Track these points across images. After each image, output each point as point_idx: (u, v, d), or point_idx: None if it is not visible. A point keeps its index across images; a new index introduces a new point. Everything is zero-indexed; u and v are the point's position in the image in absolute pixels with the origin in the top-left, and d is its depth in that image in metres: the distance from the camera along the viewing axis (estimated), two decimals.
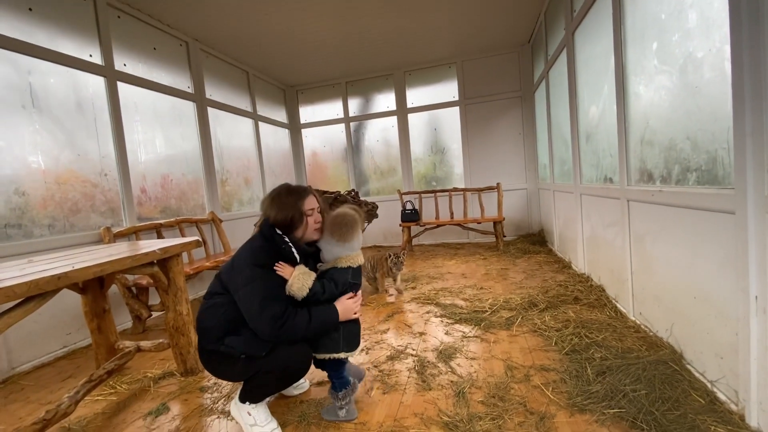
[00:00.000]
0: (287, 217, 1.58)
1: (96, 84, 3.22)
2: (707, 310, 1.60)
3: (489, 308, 2.83)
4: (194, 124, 4.34)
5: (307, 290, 1.54)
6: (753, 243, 1.27)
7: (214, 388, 2.05)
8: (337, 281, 1.62)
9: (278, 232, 1.59)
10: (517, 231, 5.87)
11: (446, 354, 2.18)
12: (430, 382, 1.91)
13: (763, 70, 1.20)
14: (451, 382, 1.89)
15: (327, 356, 1.63)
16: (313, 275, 1.60)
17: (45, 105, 2.82)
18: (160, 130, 3.86)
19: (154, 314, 3.17)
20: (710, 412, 1.45)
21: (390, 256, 3.45)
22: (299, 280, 1.54)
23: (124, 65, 3.47)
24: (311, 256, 1.71)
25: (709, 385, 1.59)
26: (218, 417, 1.78)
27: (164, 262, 2.14)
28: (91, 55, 3.17)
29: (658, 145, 1.97)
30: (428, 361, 2.12)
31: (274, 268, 1.54)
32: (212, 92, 4.65)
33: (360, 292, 1.72)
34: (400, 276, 3.58)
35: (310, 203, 1.62)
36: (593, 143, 3.05)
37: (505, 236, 5.42)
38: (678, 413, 1.45)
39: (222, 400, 1.92)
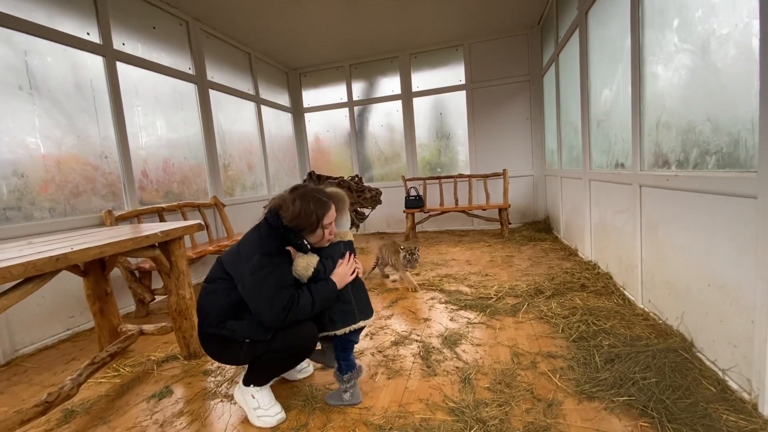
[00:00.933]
0: (302, 224, 1.53)
1: (95, 64, 3.15)
2: (722, 298, 1.56)
3: (494, 295, 2.79)
4: (196, 107, 4.26)
5: (312, 270, 1.56)
6: None
7: (218, 372, 2.04)
8: (333, 256, 1.65)
9: (285, 227, 1.54)
10: (523, 218, 5.81)
11: (451, 340, 2.15)
12: (435, 367, 1.89)
13: None
14: (457, 368, 1.87)
15: (347, 329, 1.62)
16: (317, 257, 1.60)
17: (43, 86, 2.76)
18: (161, 113, 3.80)
19: (158, 298, 3.16)
20: (722, 400, 1.42)
21: (404, 252, 3.17)
22: (304, 260, 1.56)
23: (123, 44, 3.38)
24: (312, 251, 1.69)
25: (720, 373, 1.56)
26: (221, 401, 1.77)
27: (166, 245, 2.11)
28: (88, 34, 3.09)
29: (675, 128, 1.90)
30: (433, 347, 2.10)
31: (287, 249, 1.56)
32: (213, 74, 4.56)
33: (352, 254, 1.71)
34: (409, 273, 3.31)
35: (330, 216, 1.59)
36: (605, 128, 2.97)
37: (510, 223, 5.36)
38: (689, 401, 1.42)
39: (225, 384, 1.91)
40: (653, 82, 2.11)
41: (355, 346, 1.94)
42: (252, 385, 1.61)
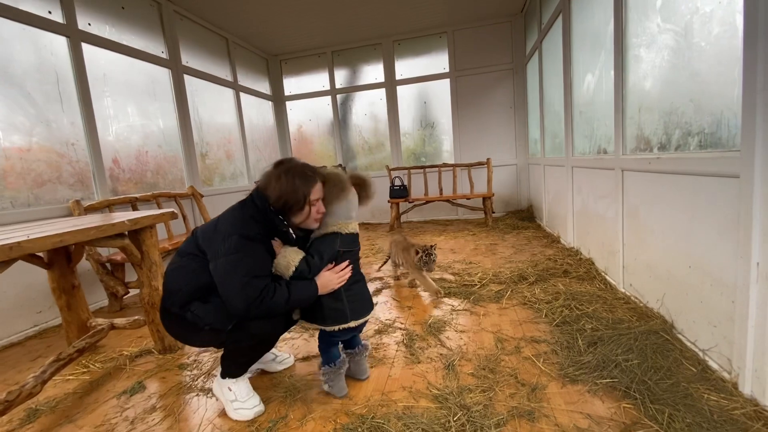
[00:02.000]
0: (289, 202, 1.43)
1: (59, 45, 2.96)
2: (702, 279, 1.56)
3: (478, 282, 2.78)
4: (170, 93, 4.09)
5: (293, 270, 1.43)
6: (758, 207, 1.21)
7: (194, 366, 1.96)
8: (322, 253, 1.50)
9: (272, 209, 1.44)
10: (506, 207, 5.84)
11: (435, 327, 2.13)
12: (418, 355, 1.85)
13: None
14: (441, 355, 1.84)
15: (336, 328, 1.52)
16: (302, 253, 1.48)
17: (1, 68, 2.58)
18: (132, 99, 3.62)
19: (132, 291, 3.04)
20: (702, 380, 1.43)
21: (417, 251, 2.59)
22: (286, 258, 1.44)
23: (89, 25, 3.19)
24: (301, 240, 1.59)
25: (701, 353, 1.57)
26: (197, 394, 1.70)
27: (136, 234, 2.01)
28: (50, 12, 2.90)
29: (657, 110, 1.89)
30: (417, 335, 2.07)
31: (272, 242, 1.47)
32: (189, 59, 4.37)
33: (347, 261, 1.55)
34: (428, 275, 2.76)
35: (317, 192, 1.47)
36: (587, 113, 2.96)
37: (494, 212, 5.38)
38: (670, 382, 1.42)
39: (202, 377, 1.84)
40: (636, 65, 2.10)
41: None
42: (228, 377, 1.54)
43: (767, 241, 1.19)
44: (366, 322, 1.62)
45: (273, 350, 1.86)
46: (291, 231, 1.50)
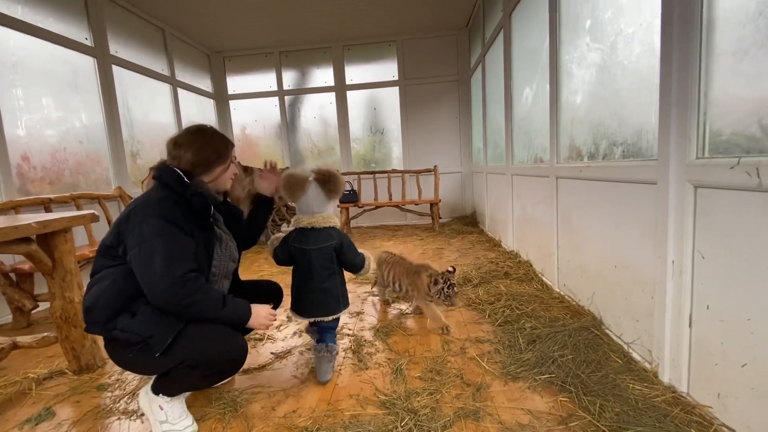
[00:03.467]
0: (211, 157, 1.37)
1: None
2: (626, 277, 1.70)
3: None
4: (95, 85, 3.71)
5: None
6: (672, 210, 1.34)
7: (116, 386, 1.76)
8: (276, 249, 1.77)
9: (185, 179, 1.33)
10: (452, 213, 6.02)
11: (383, 332, 2.10)
12: (366, 361, 1.82)
13: (691, 41, 1.24)
14: (389, 359, 1.82)
15: (328, 318, 1.69)
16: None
17: None
18: (49, 90, 3.23)
19: (43, 305, 2.68)
20: (627, 371, 1.54)
21: (435, 280, 2.02)
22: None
23: None
24: (219, 208, 1.55)
25: (625, 346, 1.70)
26: (119, 418, 1.51)
27: (47, 239, 1.77)
28: None
29: (587, 122, 2.04)
30: (365, 340, 2.03)
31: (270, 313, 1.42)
32: (118, 49, 4.01)
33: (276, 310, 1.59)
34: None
35: (233, 150, 1.50)
36: (526, 125, 3.15)
37: (440, 218, 5.52)
38: (600, 374, 1.52)
39: (125, 399, 1.65)
40: (569, 81, 2.26)
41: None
42: (161, 395, 1.39)
43: (681, 240, 1.32)
44: (319, 322, 1.73)
45: None
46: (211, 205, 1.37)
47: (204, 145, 1.38)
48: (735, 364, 1.14)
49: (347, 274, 1.84)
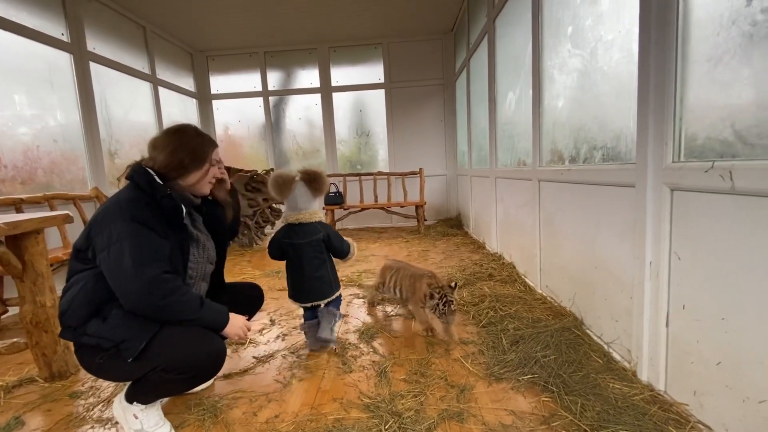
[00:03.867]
0: (185, 159, 1.33)
1: None
2: (606, 278, 1.74)
3: None
4: (71, 81, 3.59)
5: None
6: (650, 212, 1.38)
7: (90, 393, 1.69)
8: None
9: (158, 180, 1.28)
10: (437, 215, 6.06)
11: (368, 334, 2.09)
12: (351, 364, 1.80)
13: (667, 48, 1.28)
14: (373, 362, 1.81)
15: (325, 302, 1.92)
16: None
17: None
18: (22, 86, 3.11)
19: (13, 310, 2.57)
20: (608, 370, 1.57)
21: (431, 294, 1.89)
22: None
23: None
24: (199, 208, 1.49)
25: (605, 346, 1.74)
26: (92, 427, 1.46)
27: (17, 241, 1.69)
28: None
29: (569, 127, 2.08)
30: (350, 343, 2.01)
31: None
32: (96, 45, 3.89)
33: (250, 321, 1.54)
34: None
35: (217, 152, 1.45)
36: (509, 128, 3.19)
37: (426, 220, 5.54)
38: (582, 374, 1.55)
39: (99, 406, 1.59)
40: (551, 86, 2.31)
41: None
42: (136, 403, 1.34)
43: (658, 242, 1.36)
44: (312, 306, 1.95)
45: None
46: (183, 208, 1.32)
47: (178, 147, 1.33)
48: (710, 362, 1.17)
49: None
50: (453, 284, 1.92)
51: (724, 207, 1.09)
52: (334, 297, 1.95)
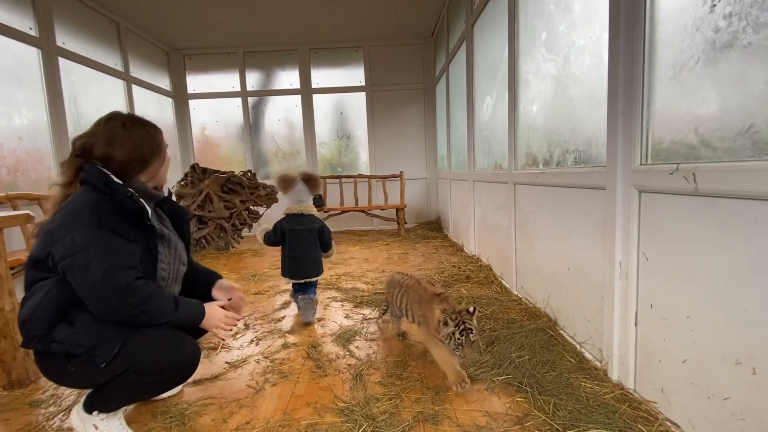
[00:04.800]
0: (146, 154, 1.27)
1: None
2: (578, 279, 1.77)
3: None
4: (39, 78, 3.44)
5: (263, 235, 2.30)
6: (620, 214, 1.41)
7: (51, 402, 1.60)
8: (275, 227, 2.40)
9: (115, 180, 1.20)
10: (418, 218, 6.08)
11: (345, 337, 2.06)
12: (326, 368, 1.77)
13: (635, 54, 1.32)
14: (349, 365, 1.78)
15: (315, 278, 2.38)
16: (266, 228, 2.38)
17: None
18: None
19: None
20: (580, 370, 1.59)
21: (445, 320, 1.50)
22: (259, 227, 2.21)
23: None
24: (164, 201, 1.41)
25: (578, 346, 1.76)
26: None
27: None
28: None
29: (543, 131, 2.12)
30: (325, 347, 1.98)
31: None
32: (67, 41, 3.75)
33: (238, 314, 1.45)
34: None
35: (163, 137, 1.39)
36: (487, 132, 3.23)
37: (406, 223, 5.55)
38: (555, 374, 1.56)
39: (60, 416, 1.50)
40: (526, 90, 2.35)
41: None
42: (96, 412, 1.27)
43: (627, 243, 1.39)
44: (304, 283, 2.36)
45: None
46: (146, 205, 1.22)
47: (138, 142, 1.26)
48: (676, 360, 1.20)
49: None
50: (471, 309, 1.54)
51: (688, 208, 1.13)
52: (319, 277, 2.40)
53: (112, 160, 1.22)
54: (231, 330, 1.37)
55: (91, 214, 1.14)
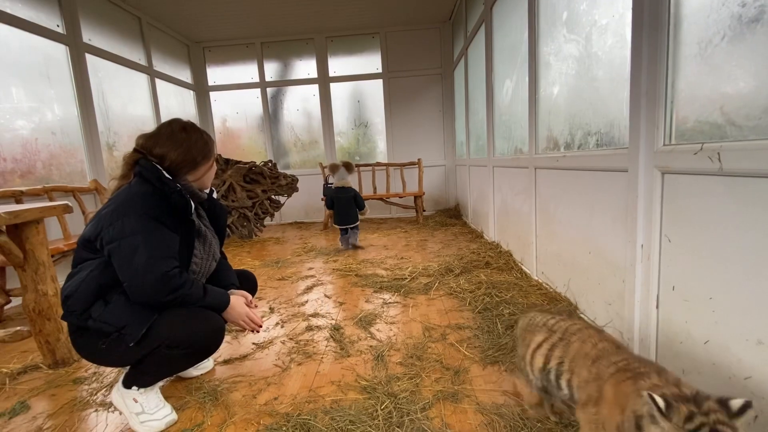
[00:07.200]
0: (197, 156, 1.38)
1: None
2: (600, 263, 1.76)
3: (409, 276, 2.84)
4: (68, 74, 3.58)
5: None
6: (642, 196, 1.39)
7: (93, 379, 1.73)
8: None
9: (167, 175, 1.31)
10: (436, 206, 6.07)
11: (366, 321, 2.12)
12: (348, 349, 1.83)
13: (660, 31, 1.28)
14: (370, 347, 1.84)
15: (352, 225, 3.91)
16: None
17: None
18: (19, 79, 3.11)
19: (15, 301, 2.61)
20: None
21: (689, 415, 0.69)
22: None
23: None
24: (205, 202, 1.55)
25: None
26: (96, 410, 1.49)
27: (17, 231, 1.72)
28: None
29: (564, 113, 2.09)
30: (347, 329, 2.05)
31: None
32: (92, 37, 3.88)
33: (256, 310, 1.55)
34: None
35: (215, 146, 1.52)
36: (506, 116, 3.19)
37: (424, 210, 5.56)
38: None
39: (103, 391, 1.62)
40: (546, 73, 2.30)
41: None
42: (135, 387, 1.37)
43: (650, 225, 1.37)
44: (347, 228, 3.94)
45: None
46: (192, 202, 1.35)
47: (192, 145, 1.38)
48: (698, 342, 1.20)
49: None
50: (705, 396, 0.78)
51: (712, 188, 1.11)
52: (356, 224, 3.92)
53: (166, 158, 1.34)
54: (249, 329, 1.45)
55: (142, 203, 1.24)
